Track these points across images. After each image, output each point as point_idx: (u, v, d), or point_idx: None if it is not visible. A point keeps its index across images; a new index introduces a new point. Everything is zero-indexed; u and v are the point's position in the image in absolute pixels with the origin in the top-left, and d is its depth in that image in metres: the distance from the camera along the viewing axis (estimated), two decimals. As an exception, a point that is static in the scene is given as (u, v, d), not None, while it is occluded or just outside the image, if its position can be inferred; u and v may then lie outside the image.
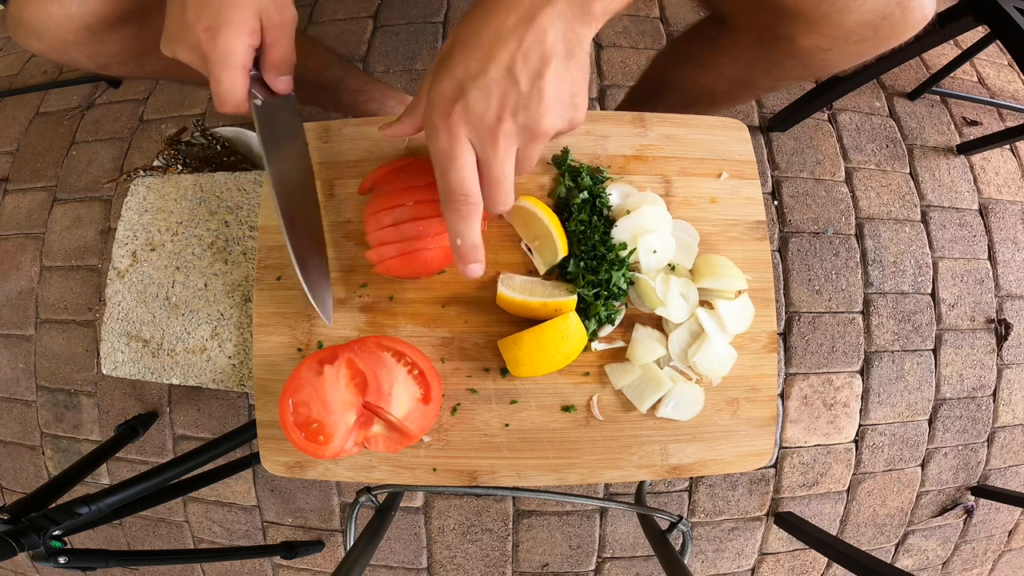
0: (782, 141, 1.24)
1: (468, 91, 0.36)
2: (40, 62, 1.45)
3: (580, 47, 0.36)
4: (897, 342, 1.16)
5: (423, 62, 1.29)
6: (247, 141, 1.08)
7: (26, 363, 1.24)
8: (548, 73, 0.36)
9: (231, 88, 0.43)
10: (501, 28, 0.36)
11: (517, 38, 0.35)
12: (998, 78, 1.40)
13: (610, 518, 1.16)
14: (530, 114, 0.36)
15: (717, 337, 0.51)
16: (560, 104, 0.37)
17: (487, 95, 0.36)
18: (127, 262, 0.65)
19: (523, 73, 0.36)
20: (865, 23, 0.47)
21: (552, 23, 0.35)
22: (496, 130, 0.37)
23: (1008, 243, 1.24)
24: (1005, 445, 1.22)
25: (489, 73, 0.36)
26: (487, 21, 0.36)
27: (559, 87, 0.36)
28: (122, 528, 1.23)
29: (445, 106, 0.37)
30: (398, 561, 1.16)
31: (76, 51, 0.55)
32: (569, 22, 0.36)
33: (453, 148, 0.38)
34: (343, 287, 0.54)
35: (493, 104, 0.36)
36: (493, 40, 0.36)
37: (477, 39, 0.36)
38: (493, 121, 0.36)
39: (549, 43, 0.35)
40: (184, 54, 0.43)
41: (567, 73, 0.36)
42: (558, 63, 0.36)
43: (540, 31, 0.35)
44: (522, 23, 0.35)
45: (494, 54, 0.36)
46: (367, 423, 0.47)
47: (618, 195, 0.54)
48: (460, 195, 0.39)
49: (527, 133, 0.37)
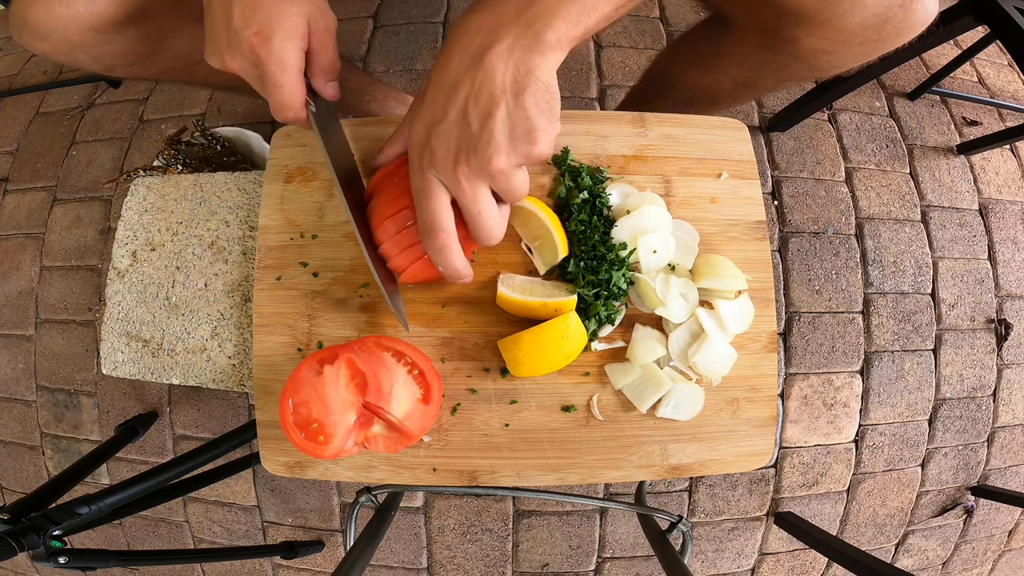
0: (782, 141, 1.24)
1: (431, 137, 0.39)
2: (40, 62, 1.45)
3: (533, 78, 0.36)
4: (897, 342, 1.16)
5: (423, 62, 1.29)
6: (247, 141, 1.08)
7: (26, 363, 1.24)
8: (497, 113, 0.36)
9: (291, 93, 0.42)
10: (457, 71, 0.37)
11: (469, 81, 0.36)
12: (998, 78, 1.40)
13: (610, 518, 1.16)
14: (479, 155, 0.37)
15: (717, 337, 0.51)
16: (512, 141, 0.37)
17: (446, 140, 0.38)
18: (127, 262, 0.65)
19: (473, 116, 0.37)
20: (868, 25, 0.47)
21: (499, 60, 0.36)
22: (455, 172, 0.38)
23: (1008, 243, 1.24)
24: (1005, 445, 1.22)
25: (447, 118, 0.38)
26: (447, 64, 0.38)
27: (509, 125, 0.37)
28: (122, 528, 1.23)
29: (418, 150, 0.40)
30: (398, 561, 1.16)
31: (81, 52, 0.55)
32: (520, 55, 0.36)
33: (425, 187, 0.40)
34: (343, 287, 0.54)
35: (451, 148, 0.38)
36: (451, 85, 0.37)
37: (440, 83, 0.38)
38: (451, 165, 0.38)
39: (498, 81, 0.36)
40: (234, 62, 0.42)
41: (518, 109, 0.36)
42: (508, 100, 0.36)
43: (488, 70, 0.36)
44: (473, 65, 0.36)
45: (451, 99, 0.37)
46: (367, 423, 0.47)
47: (618, 195, 0.54)
48: (434, 228, 0.41)
49: (484, 173, 0.38)
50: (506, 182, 0.39)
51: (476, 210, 0.40)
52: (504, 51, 0.35)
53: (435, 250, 0.42)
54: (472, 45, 0.36)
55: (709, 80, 0.69)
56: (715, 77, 0.68)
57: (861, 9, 0.46)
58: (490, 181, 0.39)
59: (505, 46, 0.35)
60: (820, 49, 0.52)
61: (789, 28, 0.50)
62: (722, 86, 0.69)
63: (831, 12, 0.47)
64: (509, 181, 0.39)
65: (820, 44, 0.51)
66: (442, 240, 0.41)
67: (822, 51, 0.52)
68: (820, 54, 0.52)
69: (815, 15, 0.48)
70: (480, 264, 0.54)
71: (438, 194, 0.40)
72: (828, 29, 0.48)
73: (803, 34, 0.50)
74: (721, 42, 0.63)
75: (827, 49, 0.51)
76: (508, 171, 0.38)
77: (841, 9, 0.46)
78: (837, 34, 0.49)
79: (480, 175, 0.38)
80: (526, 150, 0.38)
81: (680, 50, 0.75)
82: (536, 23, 0.35)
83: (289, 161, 0.57)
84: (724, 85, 0.68)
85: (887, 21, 0.47)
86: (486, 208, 0.40)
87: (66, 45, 0.53)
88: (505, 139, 0.37)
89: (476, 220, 0.41)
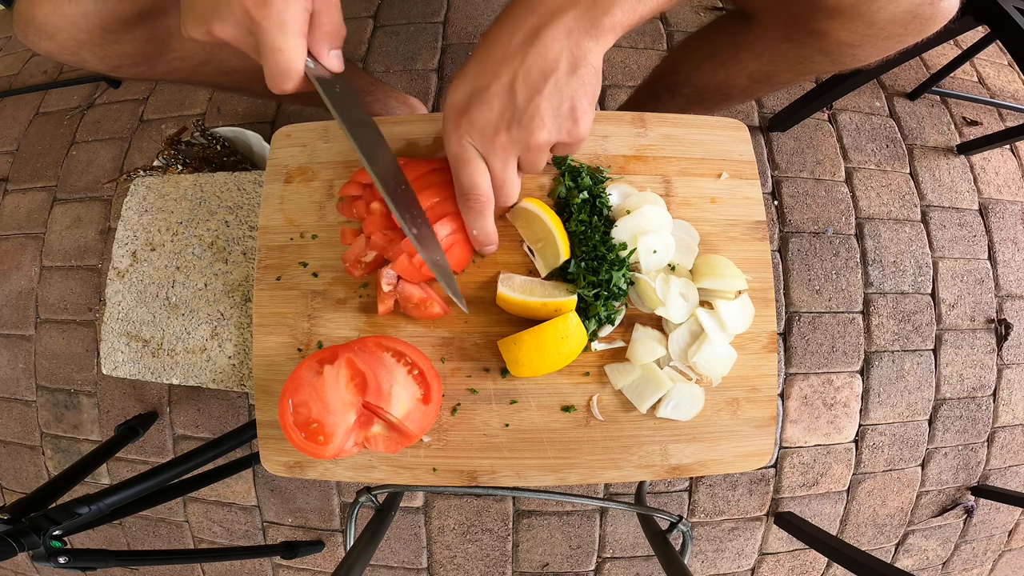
0: (782, 141, 1.24)
1: (472, 104, 0.39)
2: (41, 62, 1.45)
3: (585, 61, 0.37)
4: (897, 342, 1.16)
5: (423, 62, 1.29)
6: (247, 141, 1.08)
7: (26, 363, 1.24)
8: (545, 89, 0.37)
9: (292, 58, 0.38)
10: (509, 44, 0.38)
11: (521, 55, 0.37)
12: (998, 78, 1.40)
13: (610, 518, 1.16)
14: (523, 128, 0.39)
15: (717, 337, 0.51)
16: (556, 119, 0.38)
17: (488, 108, 0.39)
18: (127, 262, 0.65)
19: (521, 89, 0.38)
20: (897, 20, 0.48)
21: (556, 38, 0.36)
22: (493, 141, 0.40)
23: (1008, 243, 1.24)
24: (1005, 445, 1.22)
25: (491, 88, 0.38)
26: (499, 36, 0.38)
27: (556, 102, 0.38)
28: (122, 528, 1.23)
29: (454, 116, 0.40)
30: (398, 561, 1.16)
31: (88, 52, 0.54)
32: (576, 37, 0.37)
33: (462, 154, 0.41)
34: (343, 287, 0.54)
35: (492, 117, 0.39)
36: (500, 56, 0.38)
37: (488, 54, 0.39)
38: (491, 133, 0.39)
39: (551, 59, 0.37)
40: (225, 30, 0.38)
41: (567, 88, 0.38)
42: (558, 78, 0.37)
43: (543, 47, 0.37)
44: (528, 40, 0.37)
45: (499, 70, 0.38)
46: (367, 423, 0.47)
47: (618, 195, 0.54)
48: (472, 193, 0.43)
49: (522, 145, 0.40)
50: (538, 156, 0.41)
51: (504, 178, 0.42)
52: (561, 31, 0.36)
53: (473, 213, 0.45)
54: (527, 22, 0.37)
55: (723, 75, 0.69)
56: (730, 72, 0.68)
57: (895, 5, 0.46)
58: (525, 153, 0.41)
59: (563, 26, 0.36)
60: (848, 43, 0.52)
61: (820, 22, 0.51)
62: (736, 81, 0.69)
63: (867, 7, 0.47)
64: (540, 155, 0.41)
65: (849, 38, 0.51)
66: (482, 204, 0.44)
67: (849, 44, 0.52)
68: (846, 47, 0.53)
69: (851, 10, 0.48)
70: (480, 264, 0.54)
71: (476, 161, 0.41)
72: (860, 23, 0.49)
73: (834, 28, 0.51)
74: (741, 36, 0.63)
75: (855, 43, 0.52)
76: (545, 147, 0.40)
77: (877, 4, 0.47)
78: (868, 28, 0.49)
79: (517, 146, 0.40)
80: (568, 128, 0.39)
81: (693, 46, 0.74)
82: (596, 8, 0.36)
83: (289, 161, 0.57)
84: (739, 80, 0.68)
85: (915, 16, 0.47)
86: (512, 176, 0.43)
87: (73, 44, 0.53)
88: (550, 115, 0.38)
89: (501, 186, 0.43)
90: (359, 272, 0.52)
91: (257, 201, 0.65)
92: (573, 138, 0.40)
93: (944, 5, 0.47)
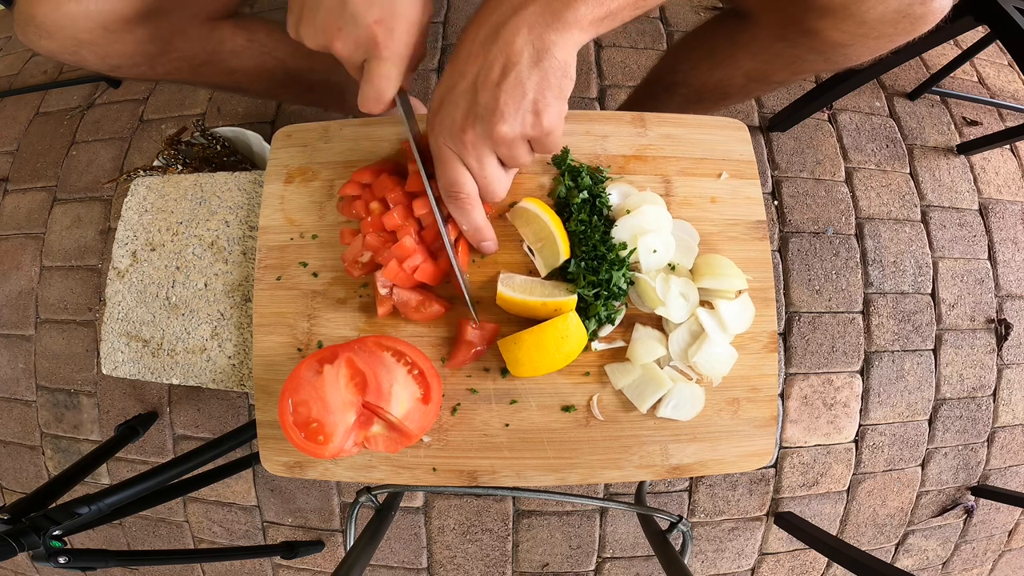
0: (782, 141, 1.24)
1: (443, 104, 0.40)
2: (41, 62, 1.45)
3: (549, 54, 0.37)
4: (897, 342, 1.16)
5: (423, 62, 1.29)
6: (247, 141, 1.08)
7: (26, 363, 1.24)
8: (505, 83, 0.37)
9: (393, 86, 0.42)
10: (473, 44, 0.39)
11: (484, 53, 0.38)
12: (998, 78, 1.40)
13: (610, 518, 1.16)
14: (485, 123, 0.39)
15: (717, 337, 0.51)
16: (517, 111, 0.38)
17: (454, 107, 0.40)
18: (127, 262, 0.65)
19: (483, 84, 0.38)
20: (886, 20, 0.48)
21: (518, 32, 0.37)
22: (461, 139, 0.40)
23: (1008, 243, 1.24)
24: (1005, 445, 1.22)
25: (457, 87, 0.39)
26: (465, 38, 0.39)
27: (517, 95, 0.38)
28: (122, 528, 1.23)
29: (430, 118, 0.42)
30: (398, 561, 1.16)
31: (89, 51, 0.54)
32: (538, 30, 0.36)
33: (439, 153, 0.42)
34: (343, 287, 0.54)
35: (458, 116, 0.40)
36: (466, 56, 0.39)
37: (456, 56, 0.40)
38: (458, 131, 0.40)
39: (515, 51, 0.37)
40: (344, 47, 0.40)
41: (529, 81, 0.37)
42: (519, 72, 0.37)
43: (504, 43, 0.37)
44: (490, 37, 0.38)
45: (464, 69, 0.39)
46: (367, 423, 0.47)
47: (618, 195, 0.54)
48: (453, 190, 0.44)
49: (488, 140, 0.40)
50: (509, 150, 0.41)
51: (483, 174, 0.43)
52: (523, 25, 0.36)
53: (458, 210, 0.45)
54: (490, 19, 0.38)
55: (720, 74, 0.70)
56: (727, 71, 0.68)
57: (885, 4, 0.47)
58: (495, 147, 0.41)
59: (523, 20, 0.36)
60: (839, 42, 0.53)
61: (812, 21, 0.51)
62: (734, 80, 0.69)
63: (857, 7, 0.48)
64: (512, 149, 0.41)
65: (841, 37, 0.52)
66: (463, 200, 0.44)
67: (840, 44, 0.53)
68: (838, 47, 0.53)
69: (841, 10, 0.49)
70: (480, 264, 0.54)
71: (453, 159, 0.42)
72: (851, 23, 0.50)
73: (826, 27, 0.51)
74: (737, 35, 0.64)
75: (846, 42, 0.52)
76: (512, 139, 0.40)
77: (868, 4, 0.47)
78: (858, 27, 0.50)
79: (485, 142, 0.40)
80: (530, 121, 0.39)
81: (691, 46, 0.75)
82: (556, 2, 0.36)
83: (289, 161, 0.57)
84: (736, 79, 0.69)
85: (905, 16, 0.48)
86: (491, 172, 0.43)
87: (73, 43, 0.52)
88: (511, 108, 0.38)
89: (484, 183, 0.43)
90: (358, 272, 0.52)
91: (257, 201, 0.65)
92: (537, 131, 0.39)
93: (935, 5, 0.47)
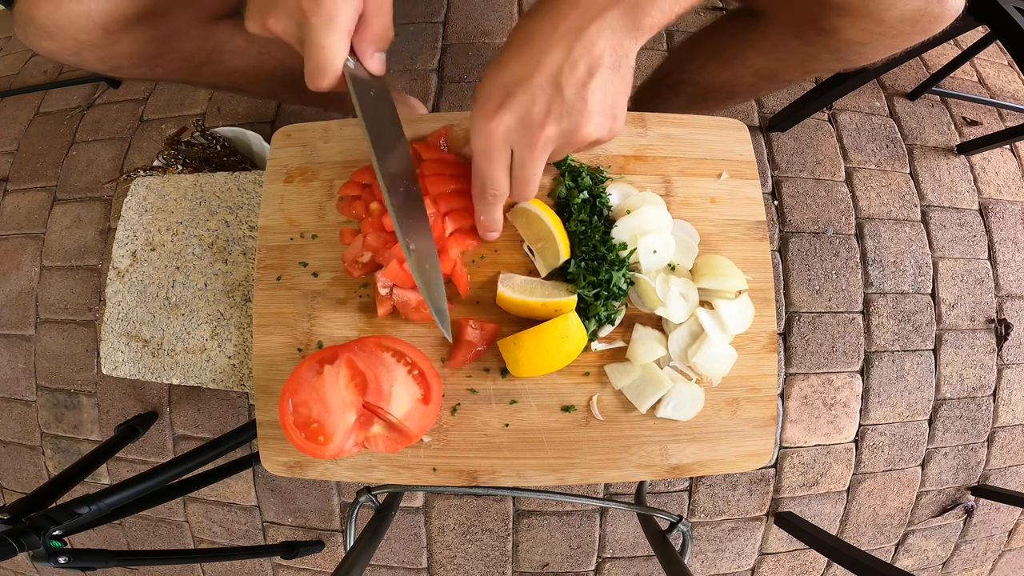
0: (782, 141, 1.24)
1: (514, 95, 0.38)
2: (40, 62, 1.45)
3: (627, 60, 0.37)
4: (897, 342, 1.16)
5: (423, 62, 1.29)
6: (247, 141, 1.08)
7: (26, 363, 1.24)
8: (593, 83, 0.37)
9: (331, 55, 0.38)
10: (551, 36, 0.37)
11: (566, 47, 0.36)
12: (998, 78, 1.40)
13: (610, 518, 1.16)
14: (572, 121, 0.38)
15: (717, 337, 0.51)
16: (601, 114, 0.38)
17: (532, 100, 0.38)
18: (127, 262, 0.65)
19: (569, 81, 0.37)
20: (906, 18, 0.48)
21: (602, 34, 0.36)
22: (537, 134, 0.38)
23: (1008, 243, 1.24)
24: (1005, 445, 1.22)
25: (535, 79, 0.37)
26: (538, 28, 0.37)
27: (601, 98, 0.38)
28: (122, 528, 1.23)
29: (490, 107, 0.38)
30: (398, 561, 1.16)
31: (89, 52, 0.54)
32: (619, 35, 0.36)
33: (491, 148, 0.40)
34: (343, 287, 0.54)
35: (538, 109, 0.38)
36: (542, 47, 0.37)
37: (527, 46, 0.38)
38: (537, 125, 0.38)
39: (597, 54, 0.36)
40: (277, 23, 0.39)
41: (611, 85, 0.37)
42: (604, 74, 0.37)
43: (589, 42, 0.36)
44: (572, 32, 0.36)
45: (542, 61, 0.37)
46: (367, 423, 0.47)
47: (618, 195, 0.54)
48: (490, 189, 0.43)
49: (566, 138, 0.39)
50: (573, 149, 0.40)
51: (534, 173, 0.41)
52: (606, 28, 0.36)
53: (486, 204, 0.45)
54: (569, 16, 0.36)
55: (729, 73, 0.69)
56: (736, 70, 0.68)
57: (905, 3, 0.47)
58: (567, 146, 0.40)
59: (606, 23, 0.36)
60: (857, 40, 0.52)
61: (830, 19, 0.51)
62: (742, 79, 0.69)
63: (876, 5, 0.47)
64: (573, 149, 0.40)
65: (859, 36, 0.51)
66: (496, 199, 0.44)
67: (858, 43, 0.52)
68: (855, 45, 0.53)
69: (861, 8, 0.48)
70: (480, 264, 0.54)
71: (503, 157, 0.41)
72: (869, 21, 0.49)
73: (844, 25, 0.51)
74: (748, 34, 0.63)
75: (864, 40, 0.52)
76: (587, 141, 0.39)
77: (888, 3, 0.47)
78: (877, 26, 0.49)
79: (560, 139, 0.39)
80: (609, 125, 0.39)
81: (699, 44, 0.74)
82: (638, 8, 0.36)
83: (289, 161, 0.57)
84: (745, 78, 0.68)
85: (924, 14, 0.48)
86: (539, 171, 0.42)
87: (73, 44, 0.52)
88: (598, 110, 0.38)
89: (527, 182, 0.42)
90: (358, 272, 0.52)
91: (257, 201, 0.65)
92: (608, 135, 0.40)
93: (951, 3, 0.47)
